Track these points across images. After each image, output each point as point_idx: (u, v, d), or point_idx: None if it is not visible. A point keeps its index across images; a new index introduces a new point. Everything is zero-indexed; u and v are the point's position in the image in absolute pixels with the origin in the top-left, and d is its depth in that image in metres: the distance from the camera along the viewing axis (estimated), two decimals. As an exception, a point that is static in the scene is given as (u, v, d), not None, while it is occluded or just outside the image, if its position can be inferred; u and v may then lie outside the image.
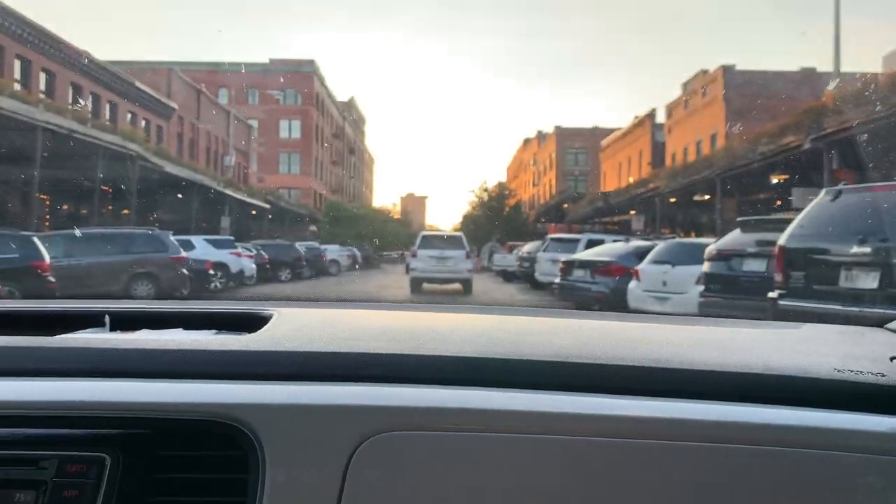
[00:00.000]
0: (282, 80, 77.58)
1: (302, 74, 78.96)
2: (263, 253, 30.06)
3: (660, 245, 12.91)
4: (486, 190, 61.45)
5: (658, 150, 47.78)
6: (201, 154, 48.63)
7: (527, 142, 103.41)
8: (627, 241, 16.50)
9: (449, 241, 23.87)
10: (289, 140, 78.73)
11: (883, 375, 1.03)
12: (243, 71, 77.88)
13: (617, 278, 14.21)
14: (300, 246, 36.66)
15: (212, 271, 21.27)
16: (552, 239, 21.95)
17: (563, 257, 19.64)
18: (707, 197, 25.35)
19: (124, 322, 1.37)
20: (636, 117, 52.53)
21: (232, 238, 24.73)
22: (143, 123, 41.39)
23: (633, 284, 12.82)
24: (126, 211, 26.47)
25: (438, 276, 22.51)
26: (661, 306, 12.14)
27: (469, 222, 63.32)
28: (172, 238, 18.41)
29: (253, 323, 1.28)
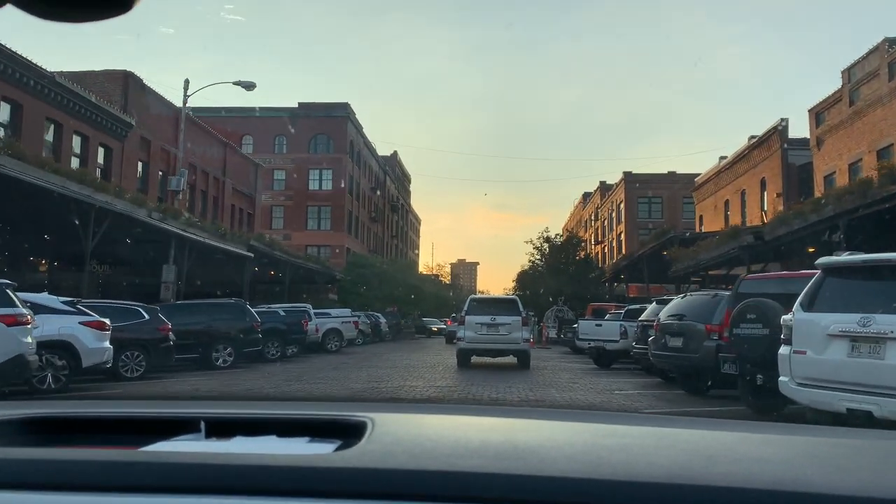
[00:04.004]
0: (311, 124, 64.99)
1: (334, 119, 66.20)
2: (163, 318, 15.60)
3: None
4: (548, 239, 46.37)
5: (795, 173, 32.56)
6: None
7: (587, 196, 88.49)
8: None
9: (502, 306, 19.37)
10: (319, 192, 65.43)
11: None
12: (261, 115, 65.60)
13: None
14: (272, 309, 22.37)
15: None
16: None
17: None
18: None
19: (220, 426, 1.28)
20: (751, 137, 37.52)
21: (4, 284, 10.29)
22: (76, 140, 28.23)
23: None
24: None
25: (490, 348, 18.51)
26: None
27: (527, 281, 48.28)
28: None
29: (347, 430, 1.21)
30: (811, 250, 20.22)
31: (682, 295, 13.20)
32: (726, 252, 23.23)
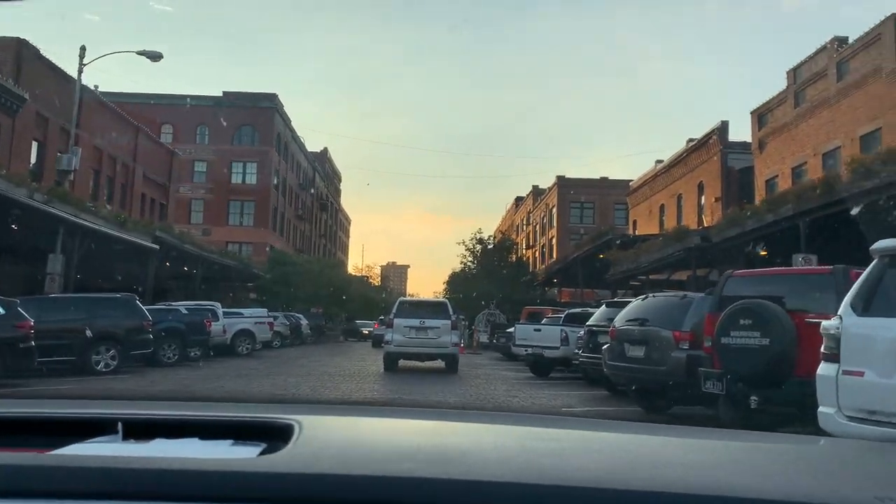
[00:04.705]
0: (236, 114, 61.51)
1: (261, 109, 62.92)
2: (23, 313, 13.02)
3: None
4: (480, 241, 44.64)
5: (734, 177, 31.66)
6: (82, 175, 31.64)
7: (519, 200, 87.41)
8: None
9: (431, 309, 18.87)
10: (242, 186, 62.02)
11: None
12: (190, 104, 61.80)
13: None
14: (172, 307, 19.75)
15: None
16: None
17: None
18: None
19: (138, 428, 1.19)
20: (689, 140, 36.64)
21: None
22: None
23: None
24: None
25: (418, 352, 17.76)
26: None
27: (458, 283, 46.40)
28: None
29: (273, 433, 1.14)
30: (763, 253, 18.93)
31: (643, 296, 11.40)
32: (671, 255, 21.78)
